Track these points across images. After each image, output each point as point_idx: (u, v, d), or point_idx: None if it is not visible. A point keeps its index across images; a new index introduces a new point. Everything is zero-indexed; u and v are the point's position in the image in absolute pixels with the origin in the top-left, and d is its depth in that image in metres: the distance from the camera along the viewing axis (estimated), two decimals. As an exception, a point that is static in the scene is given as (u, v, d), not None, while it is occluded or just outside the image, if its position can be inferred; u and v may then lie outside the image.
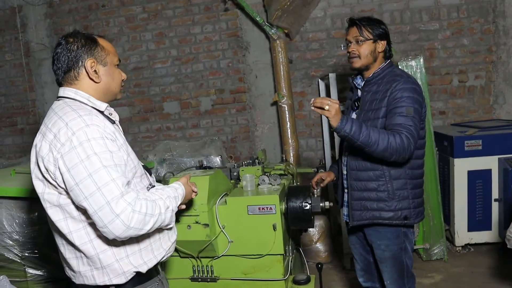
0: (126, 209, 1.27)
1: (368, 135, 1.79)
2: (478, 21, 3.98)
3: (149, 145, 4.59)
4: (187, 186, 1.65)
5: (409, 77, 1.99)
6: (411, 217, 2.00)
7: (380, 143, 1.80)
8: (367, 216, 2.03)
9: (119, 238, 1.32)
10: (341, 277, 3.38)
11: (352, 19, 2.06)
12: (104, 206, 1.26)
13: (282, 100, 4.03)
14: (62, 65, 1.44)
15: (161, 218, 1.39)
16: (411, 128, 1.84)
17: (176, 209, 1.54)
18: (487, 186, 3.45)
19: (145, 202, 1.34)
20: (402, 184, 1.98)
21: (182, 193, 1.59)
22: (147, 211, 1.33)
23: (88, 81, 1.45)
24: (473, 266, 3.33)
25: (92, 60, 1.44)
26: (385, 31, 2.04)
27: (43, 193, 1.40)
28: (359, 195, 2.05)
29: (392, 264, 2.06)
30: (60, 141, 1.30)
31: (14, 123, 4.89)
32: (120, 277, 1.43)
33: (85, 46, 1.44)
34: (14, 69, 4.79)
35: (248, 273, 2.15)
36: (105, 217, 1.26)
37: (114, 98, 1.57)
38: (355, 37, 2.01)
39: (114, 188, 1.27)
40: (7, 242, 2.68)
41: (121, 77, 1.55)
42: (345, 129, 1.79)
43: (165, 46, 4.46)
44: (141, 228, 1.32)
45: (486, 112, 4.09)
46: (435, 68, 4.07)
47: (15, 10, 4.64)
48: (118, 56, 1.55)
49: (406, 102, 1.88)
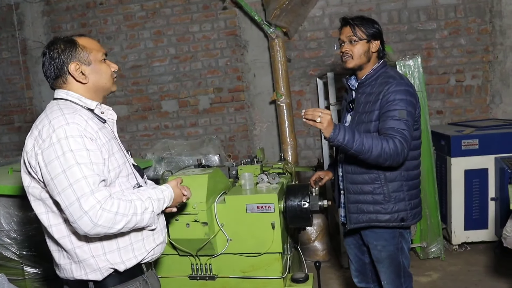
0: (95, 207, 1.30)
1: (362, 143, 1.79)
2: (475, 21, 4.00)
3: (147, 143, 4.59)
4: (176, 189, 1.63)
5: (402, 78, 1.98)
6: (408, 218, 2.00)
7: (374, 150, 1.80)
8: (363, 219, 2.03)
9: (89, 235, 1.34)
10: (338, 276, 3.39)
11: (345, 19, 2.05)
12: (74, 202, 1.30)
13: (280, 99, 4.04)
14: (50, 74, 1.50)
15: (135, 218, 1.40)
16: (404, 132, 1.83)
17: (160, 211, 1.53)
18: (483, 185, 3.47)
19: (117, 202, 1.35)
20: (398, 186, 1.98)
21: (169, 195, 1.57)
22: (118, 211, 1.34)
23: (76, 83, 1.50)
24: (469, 264, 3.36)
25: (75, 63, 1.47)
26: (378, 31, 2.03)
27: (28, 187, 1.46)
28: (355, 198, 2.05)
29: (389, 264, 2.07)
30: (42, 137, 1.36)
31: (11, 121, 4.88)
32: (96, 273, 1.45)
33: (65, 51, 1.47)
34: (11, 67, 4.77)
35: (247, 271, 2.15)
36: (75, 213, 1.30)
37: (109, 92, 1.59)
38: (349, 36, 2.00)
39: (85, 185, 1.30)
40: (5, 240, 2.68)
41: (110, 70, 1.56)
42: (338, 138, 1.78)
43: (163, 45, 4.46)
44: (110, 227, 1.33)
45: (483, 111, 4.12)
46: (432, 68, 4.09)
47: (12, 8, 4.63)
48: (103, 50, 1.56)
49: (399, 106, 1.87)
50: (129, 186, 1.52)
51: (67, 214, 1.32)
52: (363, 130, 1.96)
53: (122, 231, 1.39)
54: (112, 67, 1.57)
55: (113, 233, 1.38)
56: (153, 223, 1.50)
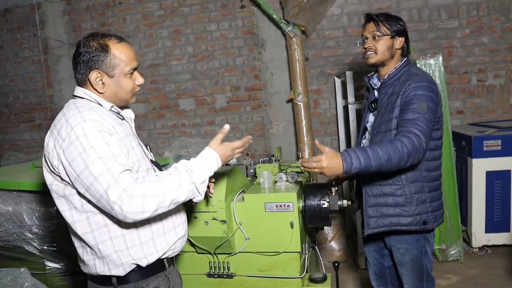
0: (121, 195, 1.29)
1: (378, 156, 1.66)
2: (498, 19, 3.91)
3: (164, 141, 4.63)
4: (219, 149, 1.53)
5: (425, 75, 1.92)
6: (430, 221, 1.93)
7: (393, 156, 1.67)
8: (384, 223, 1.96)
9: (128, 221, 1.33)
10: (355, 276, 3.36)
11: (369, 15, 2.01)
12: (102, 195, 1.31)
13: (297, 98, 4.02)
14: (75, 67, 1.50)
15: (169, 196, 1.36)
16: (421, 125, 1.75)
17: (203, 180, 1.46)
18: (506, 187, 3.39)
19: (143, 185, 1.33)
20: (419, 188, 1.92)
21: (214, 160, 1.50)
22: (146, 194, 1.31)
23: (93, 88, 1.49)
24: (490, 268, 3.28)
25: (97, 72, 1.45)
26: (403, 28, 1.98)
27: (52, 184, 1.47)
28: (375, 201, 1.98)
29: (412, 267, 2.01)
30: (61, 136, 1.37)
31: (32, 119, 4.97)
32: (119, 268, 1.46)
33: (94, 54, 1.44)
34: (32, 65, 4.87)
35: (265, 270, 2.15)
36: (106, 205, 1.32)
37: (124, 104, 1.57)
38: (372, 32, 1.95)
39: (109, 177, 1.31)
40: (27, 235, 2.73)
41: (131, 85, 1.51)
42: (354, 165, 1.65)
43: (181, 43, 4.48)
44: (142, 211, 1.31)
45: (506, 112, 4.02)
46: (453, 67, 4.01)
47: (34, 7, 4.72)
48: (133, 64, 1.50)
49: (419, 99, 1.80)
50: None
51: (102, 207, 1.35)
52: (384, 129, 1.92)
53: (160, 211, 1.36)
54: (138, 81, 1.53)
55: (149, 217, 1.35)
56: (197, 194, 1.46)
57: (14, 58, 4.90)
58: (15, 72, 4.93)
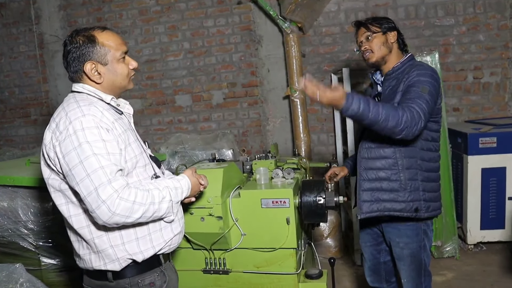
0: (112, 196, 1.31)
1: (378, 111, 1.69)
2: (494, 17, 3.92)
3: (160, 137, 4.61)
4: (192, 178, 1.61)
5: (429, 66, 1.96)
6: (422, 209, 1.95)
7: (391, 118, 1.70)
8: (378, 208, 1.97)
9: (107, 224, 1.35)
10: (351, 273, 3.38)
11: (357, 21, 2.09)
12: (92, 191, 1.31)
13: (294, 95, 4.01)
14: (67, 67, 1.51)
15: (153, 208, 1.40)
16: (422, 105, 1.77)
17: (178, 200, 1.52)
18: (501, 184, 3.41)
19: (134, 191, 1.36)
20: (413, 175, 1.94)
21: (186, 185, 1.56)
22: (136, 200, 1.35)
23: (90, 81, 1.50)
24: (485, 264, 3.30)
25: (90, 63, 1.46)
26: (393, 24, 2.03)
27: (48, 178, 1.48)
28: (370, 186, 1.99)
29: (411, 262, 2.03)
30: (59, 129, 1.38)
31: (27, 114, 4.95)
32: (114, 263, 1.46)
33: (83, 47, 1.45)
34: (28, 60, 4.83)
35: (261, 266, 2.15)
36: (93, 203, 1.31)
37: (123, 90, 1.58)
38: (364, 34, 2.02)
39: (102, 175, 1.31)
40: (22, 231, 2.72)
41: (127, 70, 1.53)
42: (353, 107, 1.68)
43: (177, 39, 4.46)
44: (128, 216, 1.34)
45: (501, 109, 4.04)
46: (449, 64, 4.02)
47: (29, 2, 4.68)
48: (123, 48, 1.51)
49: (422, 84, 1.83)
50: (146, 176, 1.53)
51: (86, 204, 1.34)
52: None
53: (140, 221, 1.40)
54: (131, 65, 1.55)
55: (131, 223, 1.38)
56: (171, 213, 1.50)
57: (10, 53, 4.87)
58: (10, 68, 4.89)
